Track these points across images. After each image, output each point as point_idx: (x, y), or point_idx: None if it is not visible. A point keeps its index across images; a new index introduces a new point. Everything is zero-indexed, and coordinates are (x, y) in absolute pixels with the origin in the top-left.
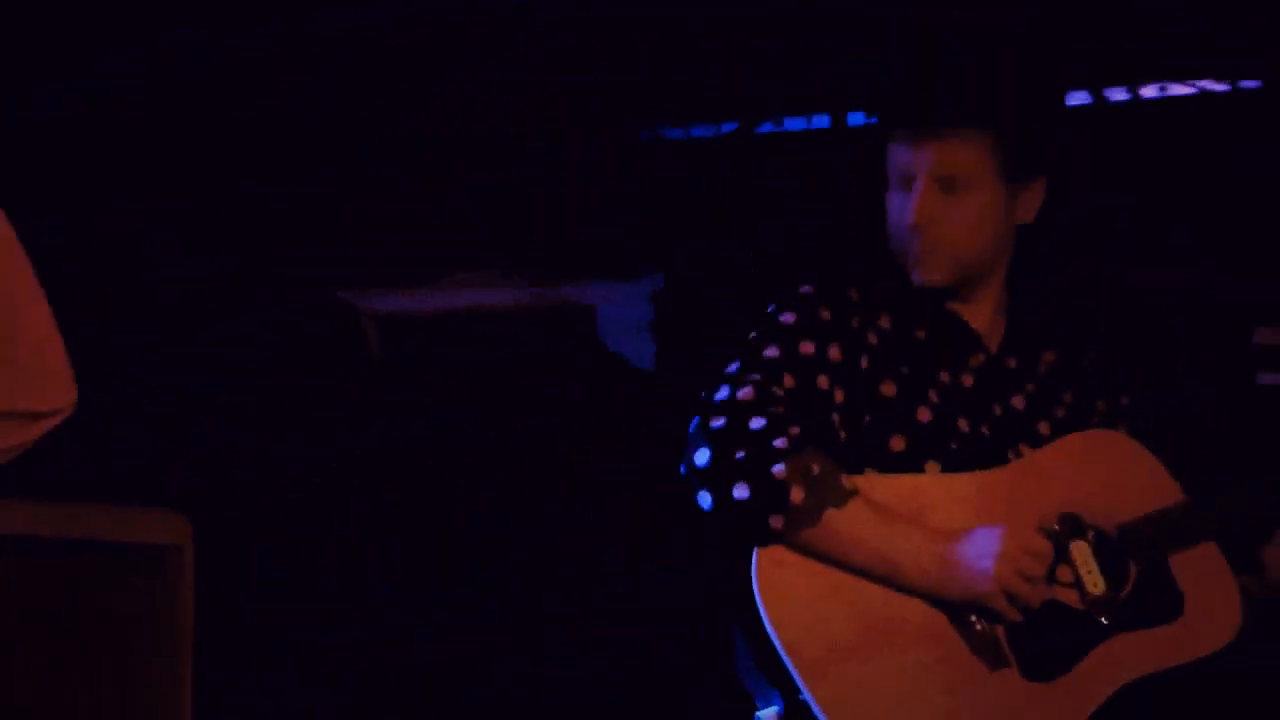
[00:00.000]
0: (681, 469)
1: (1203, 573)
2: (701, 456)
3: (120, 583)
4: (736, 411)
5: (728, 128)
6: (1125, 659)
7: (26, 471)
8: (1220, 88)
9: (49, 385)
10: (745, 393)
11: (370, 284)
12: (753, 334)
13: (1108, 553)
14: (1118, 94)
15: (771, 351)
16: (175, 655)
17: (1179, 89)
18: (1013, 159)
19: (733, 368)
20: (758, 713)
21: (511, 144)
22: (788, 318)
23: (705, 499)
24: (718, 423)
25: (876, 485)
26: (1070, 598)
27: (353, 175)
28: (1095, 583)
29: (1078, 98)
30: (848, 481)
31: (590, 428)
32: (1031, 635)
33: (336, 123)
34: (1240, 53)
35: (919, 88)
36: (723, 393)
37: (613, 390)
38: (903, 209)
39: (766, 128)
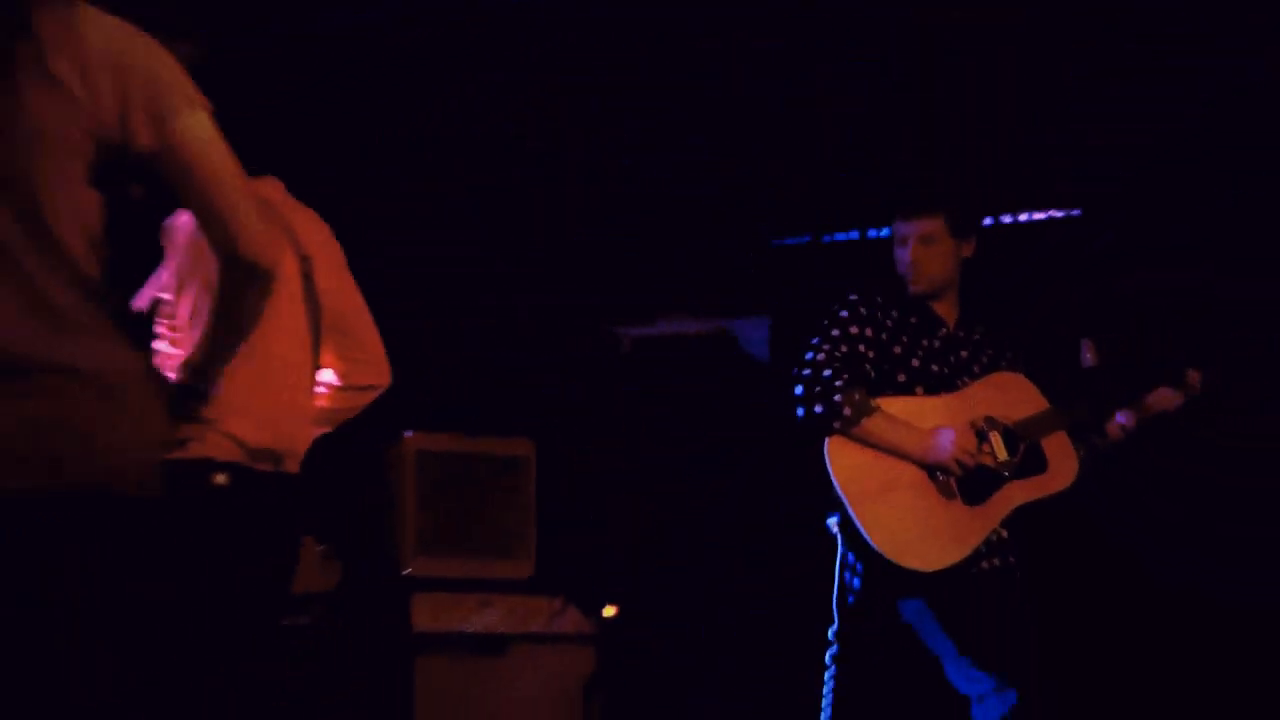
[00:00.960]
0: (797, 401)
1: (1057, 447)
2: (798, 389)
3: (502, 470)
4: (815, 366)
5: (807, 238)
6: (1017, 493)
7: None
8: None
9: (380, 368)
10: (820, 356)
11: (625, 319)
12: (824, 321)
13: (1009, 437)
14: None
15: (835, 332)
16: (526, 507)
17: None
18: (957, 228)
19: (815, 340)
20: (828, 519)
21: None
22: (843, 314)
23: (800, 412)
24: (806, 372)
25: (891, 404)
26: (989, 461)
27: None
28: (1002, 454)
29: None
30: (875, 402)
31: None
32: (969, 481)
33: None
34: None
35: (912, 199)
36: (809, 355)
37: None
38: (903, 255)
39: (837, 238)
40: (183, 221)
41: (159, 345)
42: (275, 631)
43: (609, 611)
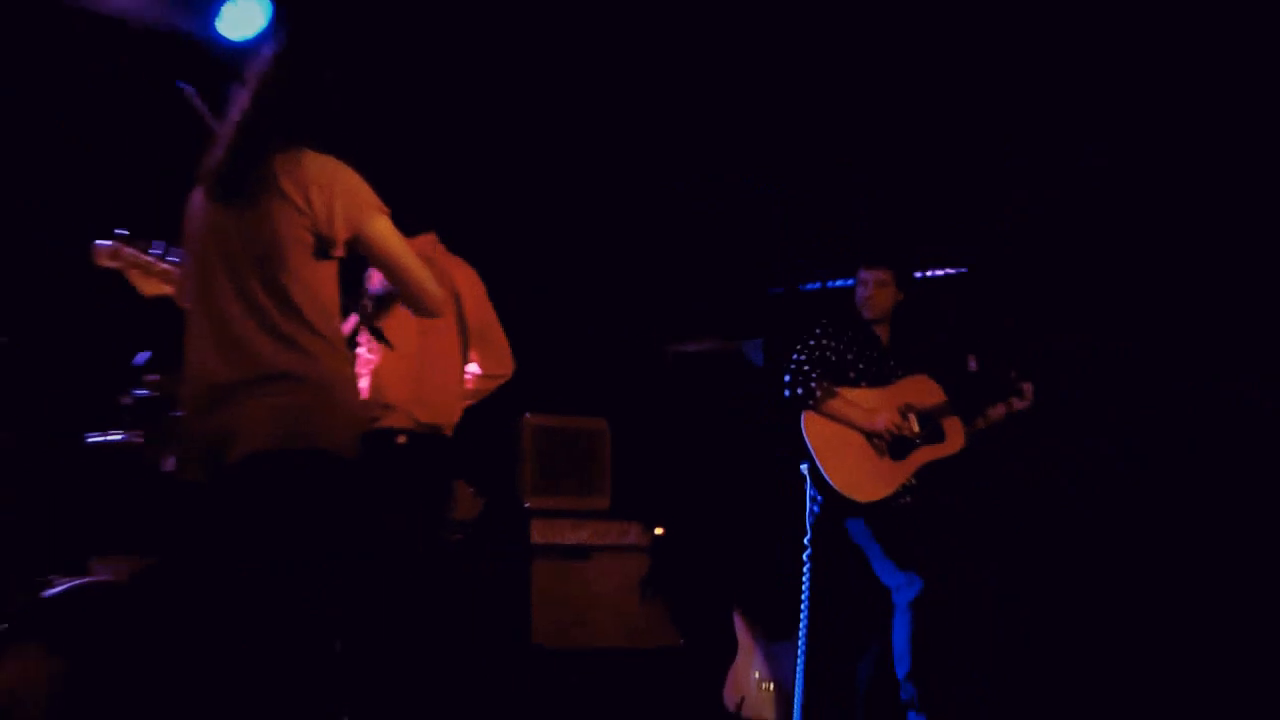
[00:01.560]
0: (784, 388)
1: (951, 425)
2: (785, 378)
3: (587, 438)
4: (798, 365)
5: (785, 288)
6: (925, 454)
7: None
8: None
9: (507, 363)
10: (801, 358)
11: (670, 340)
12: (804, 337)
13: (921, 418)
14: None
15: (811, 343)
16: (603, 462)
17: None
18: (899, 280)
19: (797, 348)
20: (801, 466)
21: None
22: (816, 331)
23: (786, 394)
24: (791, 368)
25: (845, 392)
26: (907, 433)
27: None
28: (916, 428)
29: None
30: (836, 390)
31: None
32: (894, 445)
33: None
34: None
35: (876, 255)
36: (794, 357)
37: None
38: (863, 292)
39: (809, 287)
40: (376, 275)
41: (360, 353)
42: (440, 543)
43: (658, 531)
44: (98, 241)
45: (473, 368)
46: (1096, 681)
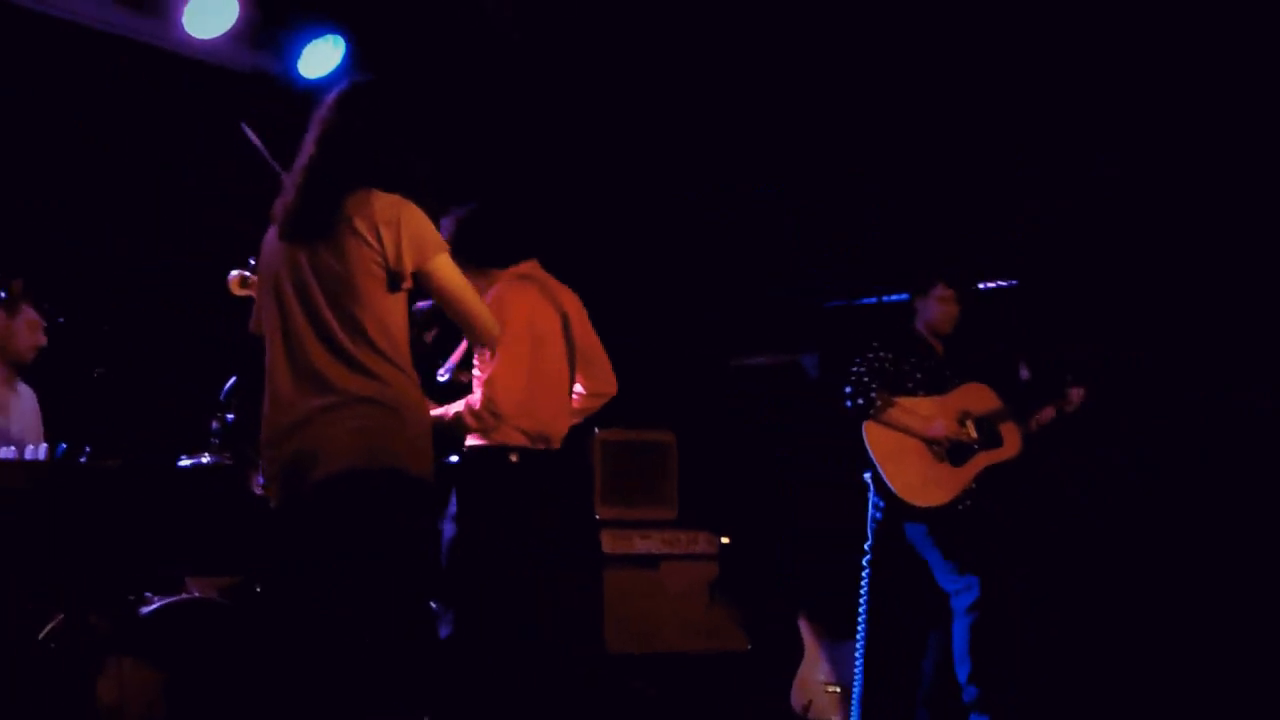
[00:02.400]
0: (845, 399)
1: (1008, 430)
2: (847, 389)
3: (655, 451)
4: (859, 376)
5: (843, 303)
6: (983, 459)
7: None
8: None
9: (610, 383)
10: (861, 369)
11: (734, 354)
12: (865, 350)
13: (978, 424)
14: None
15: (870, 356)
16: (670, 473)
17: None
18: (962, 298)
19: (857, 360)
20: (863, 474)
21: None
22: (875, 344)
23: (848, 404)
24: (852, 379)
25: (904, 401)
26: (966, 438)
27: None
28: (974, 434)
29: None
30: (895, 399)
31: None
32: (953, 451)
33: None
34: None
35: (956, 277)
36: (854, 369)
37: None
38: (944, 308)
39: (863, 301)
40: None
41: (475, 373)
42: (535, 547)
43: (724, 539)
44: (232, 272)
45: (578, 387)
46: (1122, 681)
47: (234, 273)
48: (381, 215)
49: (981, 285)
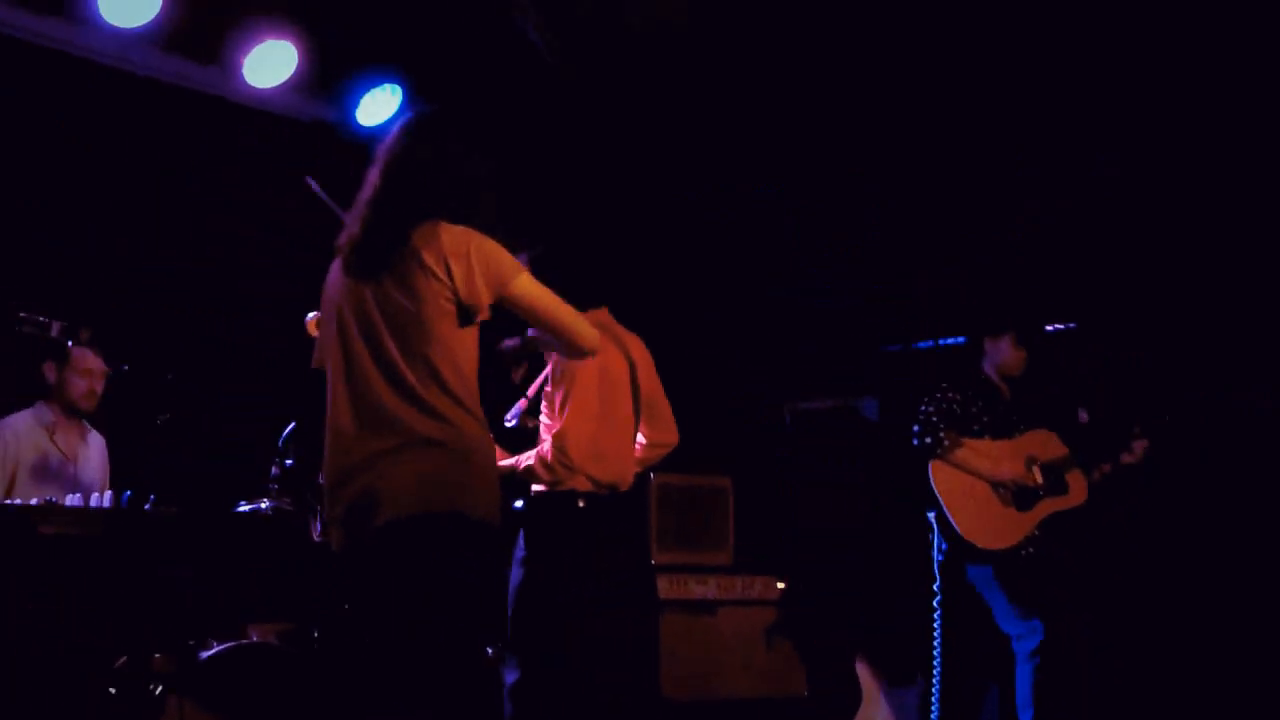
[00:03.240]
0: (913, 438)
1: (1074, 477)
2: (915, 428)
3: (711, 495)
4: (927, 416)
5: (900, 347)
6: (1049, 505)
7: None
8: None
9: (672, 432)
10: (930, 409)
11: (790, 399)
12: (933, 391)
13: (1044, 470)
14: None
15: (939, 397)
16: (727, 518)
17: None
18: (1022, 340)
19: (925, 400)
20: (927, 514)
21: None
22: (944, 386)
23: (915, 443)
24: (920, 419)
25: (971, 444)
26: (1032, 483)
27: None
28: (1039, 479)
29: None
30: (962, 440)
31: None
32: (1019, 495)
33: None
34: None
35: (1028, 329)
36: (922, 409)
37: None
38: (1019, 356)
39: (921, 345)
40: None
41: (544, 420)
42: (597, 591)
43: (780, 584)
44: (310, 314)
45: (640, 437)
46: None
47: (311, 315)
48: (450, 248)
49: (1049, 328)
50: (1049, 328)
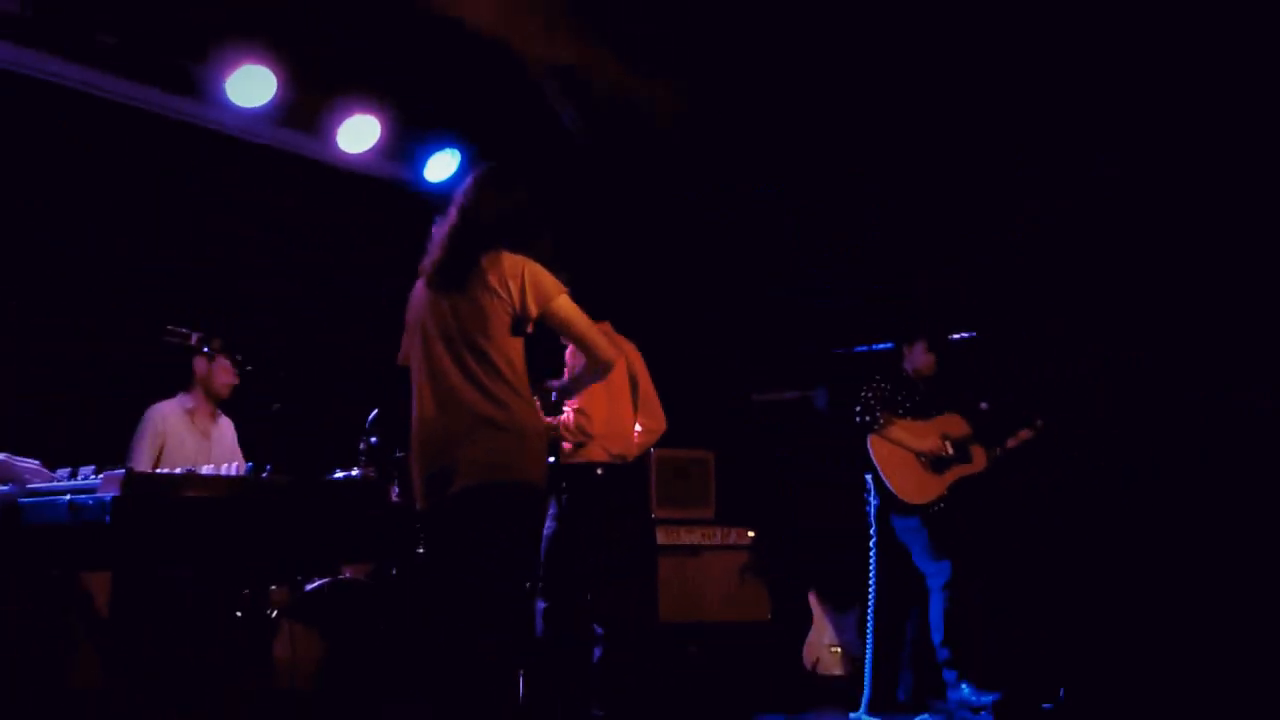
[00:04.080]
0: (855, 415)
1: (976, 450)
2: (857, 407)
3: (698, 465)
4: (866, 398)
5: (844, 350)
6: (957, 472)
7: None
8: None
9: (662, 422)
10: (869, 394)
11: (756, 390)
12: (871, 381)
13: (954, 444)
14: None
15: (875, 385)
16: (709, 482)
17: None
18: (933, 345)
19: (865, 387)
20: (865, 476)
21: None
22: (877, 378)
23: (857, 420)
24: (861, 401)
25: (899, 423)
26: (945, 454)
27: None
28: (950, 451)
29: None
30: (894, 420)
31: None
32: (935, 463)
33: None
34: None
35: (937, 336)
36: (863, 394)
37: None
38: (929, 358)
39: (859, 349)
40: (570, 352)
41: (566, 406)
42: (613, 540)
43: (751, 534)
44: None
45: (637, 426)
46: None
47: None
48: (509, 271)
49: (952, 338)
50: (954, 336)
